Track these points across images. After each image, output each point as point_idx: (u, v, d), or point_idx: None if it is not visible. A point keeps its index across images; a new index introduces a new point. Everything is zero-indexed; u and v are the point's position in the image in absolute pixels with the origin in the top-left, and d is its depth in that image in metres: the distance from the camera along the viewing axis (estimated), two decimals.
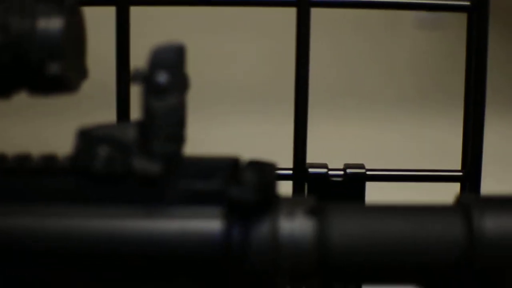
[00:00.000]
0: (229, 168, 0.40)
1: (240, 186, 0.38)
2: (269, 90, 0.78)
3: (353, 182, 0.48)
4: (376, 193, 0.50)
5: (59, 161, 0.40)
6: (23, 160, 0.41)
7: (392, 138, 0.79)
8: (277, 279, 0.38)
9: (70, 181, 0.40)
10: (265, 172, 0.39)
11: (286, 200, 0.40)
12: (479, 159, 0.51)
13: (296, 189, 0.49)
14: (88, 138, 0.39)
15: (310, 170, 0.48)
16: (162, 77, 0.38)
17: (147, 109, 0.39)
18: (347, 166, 0.49)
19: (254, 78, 0.78)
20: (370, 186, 0.49)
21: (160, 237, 0.39)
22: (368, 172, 0.49)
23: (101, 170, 0.39)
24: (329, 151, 0.68)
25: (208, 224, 0.38)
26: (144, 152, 0.39)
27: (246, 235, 0.39)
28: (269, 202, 0.39)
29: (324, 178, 0.48)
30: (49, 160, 0.40)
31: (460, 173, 0.51)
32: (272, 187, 0.39)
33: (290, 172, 0.49)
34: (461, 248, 0.38)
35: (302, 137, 0.48)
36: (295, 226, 0.38)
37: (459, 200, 0.40)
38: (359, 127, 0.79)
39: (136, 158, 0.39)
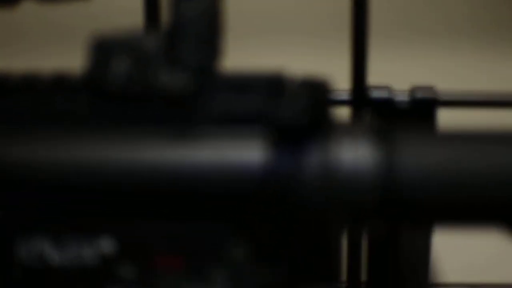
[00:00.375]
0: (273, 84, 0.33)
1: (287, 105, 0.31)
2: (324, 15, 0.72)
3: (422, 108, 0.40)
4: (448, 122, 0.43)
5: (71, 79, 0.34)
6: (31, 79, 0.34)
7: (457, 72, 0.73)
8: (332, 219, 0.32)
9: (83, 101, 0.33)
10: (317, 89, 0.32)
11: (344, 125, 0.33)
12: None
13: (355, 115, 0.42)
14: (103, 49, 0.33)
15: (371, 93, 0.41)
16: None
17: (175, 12, 0.32)
18: (415, 89, 0.42)
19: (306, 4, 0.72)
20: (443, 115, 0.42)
21: (190, 166, 0.32)
22: (440, 96, 0.41)
23: (118, 87, 0.32)
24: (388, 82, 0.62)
25: (246, 150, 0.32)
26: (171, 65, 0.32)
27: (293, 166, 0.32)
28: (322, 125, 0.32)
29: (387, 102, 0.41)
30: (60, 79, 0.34)
31: None
32: (325, 107, 0.32)
33: (347, 95, 0.42)
34: None
35: (362, 53, 0.40)
36: (356, 155, 0.31)
37: None
38: (422, 57, 0.73)
39: (161, 72, 0.32)
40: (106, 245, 0.33)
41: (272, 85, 0.32)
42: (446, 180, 0.31)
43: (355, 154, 0.31)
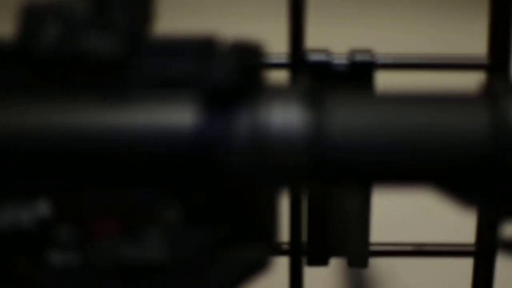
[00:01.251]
0: (204, 48, 0.33)
1: (217, 68, 0.31)
2: None
3: (360, 71, 0.41)
4: (386, 86, 0.43)
5: (1, 46, 0.34)
6: None
7: (402, 38, 0.72)
8: (261, 182, 0.32)
9: (13, 68, 0.33)
10: (248, 52, 0.32)
11: (276, 87, 0.33)
12: (507, 46, 0.44)
13: (293, 79, 0.42)
14: (33, 15, 0.32)
15: (309, 56, 0.41)
16: None
17: None
18: (353, 52, 0.42)
19: None
20: (380, 77, 0.42)
21: (121, 129, 0.32)
22: (378, 59, 0.41)
23: (47, 53, 0.32)
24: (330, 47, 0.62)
25: (178, 115, 0.32)
26: (101, 29, 0.32)
27: (224, 129, 0.32)
28: (252, 88, 0.32)
29: (325, 66, 0.41)
30: None
31: (487, 62, 0.44)
32: (256, 70, 0.32)
33: (285, 59, 0.42)
34: (485, 144, 0.31)
35: (299, 17, 0.40)
36: (286, 118, 0.32)
37: (486, 88, 0.33)
38: (364, 27, 0.72)
39: (91, 36, 0.32)
40: (43, 210, 0.33)
41: (203, 49, 0.32)
42: (374, 141, 0.31)
43: (284, 117, 0.31)
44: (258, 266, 0.34)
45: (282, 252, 0.44)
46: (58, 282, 0.33)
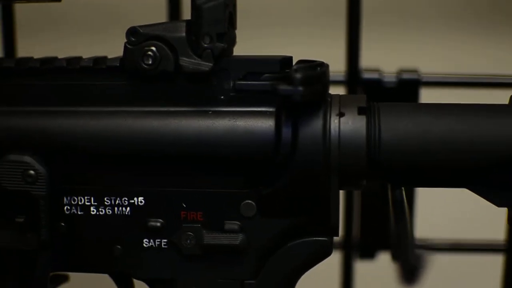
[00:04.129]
0: (280, 66, 0.39)
1: (289, 83, 0.38)
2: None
3: (407, 88, 0.47)
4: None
5: (109, 61, 0.40)
6: (73, 60, 0.41)
7: (448, 55, 0.76)
8: (328, 178, 0.38)
9: (120, 80, 0.40)
10: (315, 69, 0.39)
11: (337, 97, 0.39)
12: None
13: (349, 93, 0.48)
14: (138, 35, 0.39)
15: (363, 74, 0.47)
16: None
17: (195, 5, 0.38)
18: (402, 70, 0.48)
19: None
20: (426, 94, 0.47)
21: (211, 135, 0.38)
22: (423, 78, 0.47)
23: (150, 68, 0.39)
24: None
25: (258, 122, 0.38)
26: (194, 50, 0.39)
27: (296, 134, 0.38)
28: (319, 99, 0.38)
29: (377, 83, 0.47)
30: (99, 60, 0.40)
31: None
32: (322, 84, 0.39)
33: (342, 76, 0.48)
34: None
35: (356, 39, 0.46)
36: (346, 124, 0.38)
37: None
38: (414, 44, 0.77)
39: (185, 56, 0.38)
40: (137, 201, 0.39)
41: (279, 68, 0.39)
42: (423, 146, 0.37)
43: (345, 124, 0.38)
44: (323, 251, 0.39)
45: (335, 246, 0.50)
46: (146, 263, 0.40)
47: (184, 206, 0.39)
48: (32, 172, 0.39)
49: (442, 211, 0.57)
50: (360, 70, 0.47)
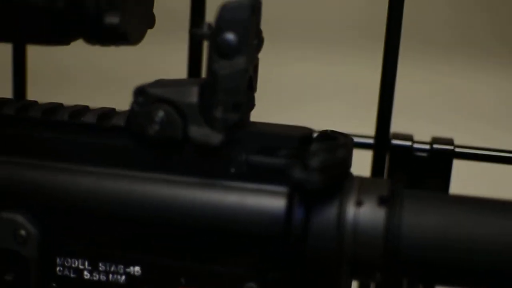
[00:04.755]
0: (298, 142, 0.36)
1: (304, 167, 0.34)
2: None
3: (439, 159, 0.43)
4: (464, 174, 0.45)
5: (115, 119, 0.38)
6: (77, 113, 0.38)
7: (479, 89, 0.73)
8: (339, 268, 0.35)
9: (124, 141, 0.37)
10: (336, 150, 0.35)
11: (358, 182, 0.36)
12: None
13: (376, 159, 0.44)
14: (145, 96, 0.36)
15: (393, 141, 0.44)
16: (228, 37, 0.34)
17: (211, 70, 0.35)
18: (434, 140, 0.44)
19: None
20: (459, 165, 0.44)
21: (217, 209, 0.35)
22: (456, 149, 0.44)
23: (157, 134, 0.36)
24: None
25: (269, 201, 0.35)
26: (206, 118, 0.35)
27: (308, 219, 0.35)
28: (336, 185, 0.35)
29: (407, 151, 0.43)
30: (104, 116, 0.38)
31: None
32: (341, 168, 0.35)
33: (371, 141, 0.45)
34: None
35: (388, 103, 0.43)
36: (363, 214, 0.34)
37: None
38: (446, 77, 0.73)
39: (196, 124, 0.35)
40: (134, 271, 0.37)
41: (297, 144, 0.35)
42: (445, 245, 0.34)
43: (362, 213, 0.34)
44: None
45: None
46: None
47: (183, 282, 0.37)
48: (23, 232, 0.37)
49: None
50: (391, 137, 0.44)
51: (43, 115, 0.38)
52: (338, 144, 0.36)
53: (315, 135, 0.37)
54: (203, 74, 0.50)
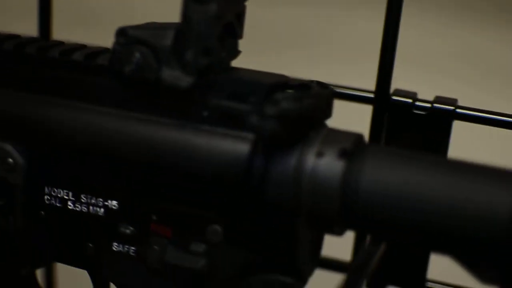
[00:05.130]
0: (268, 90, 0.36)
1: (261, 114, 0.35)
2: None
3: (438, 119, 0.42)
4: (464, 136, 0.43)
5: (100, 58, 0.39)
6: (68, 52, 0.39)
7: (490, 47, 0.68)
8: (296, 218, 0.35)
9: (107, 80, 0.38)
10: (301, 100, 0.35)
11: (324, 133, 0.36)
12: None
13: (376, 115, 0.44)
14: (126, 37, 0.37)
15: (393, 97, 0.43)
16: None
17: (185, 14, 0.35)
18: (437, 99, 0.43)
19: None
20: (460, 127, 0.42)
21: (184, 150, 0.36)
22: (458, 110, 0.42)
23: (132, 73, 0.36)
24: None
25: (233, 145, 0.35)
26: (178, 61, 0.36)
27: (268, 166, 0.35)
28: (299, 135, 0.35)
29: (407, 109, 0.42)
30: (92, 55, 0.39)
31: None
32: (305, 118, 0.35)
33: (372, 95, 0.44)
34: (502, 224, 0.32)
35: (389, 56, 0.42)
36: (323, 165, 0.34)
37: None
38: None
39: (169, 66, 0.36)
40: (111, 205, 0.38)
41: (268, 92, 0.35)
42: (401, 202, 0.33)
43: (321, 165, 0.34)
44: None
45: (343, 269, 0.47)
46: (115, 267, 0.38)
47: (155, 218, 0.38)
48: (10, 160, 0.39)
49: None
50: (392, 93, 0.43)
51: (37, 51, 0.40)
52: (307, 94, 0.36)
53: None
54: None
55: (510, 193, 0.32)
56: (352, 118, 0.46)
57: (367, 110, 0.44)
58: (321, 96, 0.36)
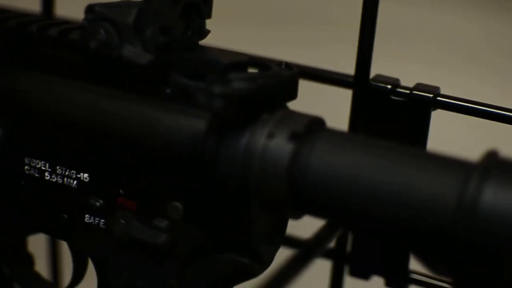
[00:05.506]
0: (224, 69, 0.36)
1: (228, 92, 0.34)
2: None
3: (417, 106, 0.41)
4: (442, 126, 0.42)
5: (73, 34, 0.40)
6: (45, 27, 0.40)
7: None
8: (247, 199, 0.35)
9: (78, 55, 0.39)
10: (255, 80, 0.35)
11: (279, 115, 0.35)
12: None
13: (355, 100, 0.43)
14: (93, 14, 0.37)
15: (372, 82, 0.42)
16: None
17: None
18: (417, 86, 0.42)
19: None
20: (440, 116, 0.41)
21: (145, 125, 0.37)
22: (438, 98, 0.41)
23: (96, 49, 0.37)
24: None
25: (190, 121, 0.35)
26: (139, 38, 0.36)
27: (221, 143, 0.35)
28: (251, 115, 0.35)
29: (385, 94, 0.42)
30: (66, 31, 0.40)
31: None
32: (258, 98, 0.35)
33: (351, 80, 0.43)
34: (446, 215, 0.31)
35: (368, 41, 0.41)
36: (272, 146, 0.34)
37: (482, 159, 0.32)
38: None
39: (130, 43, 0.36)
40: (83, 177, 0.39)
41: (221, 70, 0.36)
42: (347, 187, 0.33)
43: (271, 146, 0.34)
44: (243, 272, 0.37)
45: (326, 255, 0.46)
46: (87, 239, 0.39)
47: (121, 192, 0.39)
48: None
49: None
50: (372, 78, 0.42)
51: (17, 26, 0.41)
52: (264, 75, 0.36)
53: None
54: None
55: (458, 183, 0.31)
56: (338, 102, 0.46)
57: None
58: (281, 77, 0.36)
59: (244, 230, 0.36)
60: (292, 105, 0.37)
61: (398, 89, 0.42)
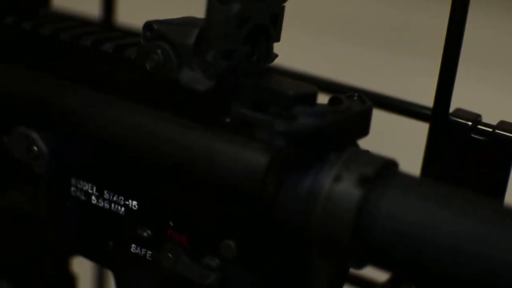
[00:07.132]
0: (291, 101, 0.33)
1: (291, 128, 0.31)
2: None
3: (498, 145, 0.37)
4: None
5: (128, 51, 0.37)
6: (99, 41, 0.38)
7: None
8: (306, 244, 0.32)
9: (134, 74, 0.36)
10: (322, 116, 0.32)
11: (348, 155, 0.32)
12: None
13: (432, 134, 0.39)
14: (151, 32, 0.35)
15: (451, 117, 0.39)
16: None
17: (208, 13, 0.33)
18: (500, 125, 0.38)
19: None
20: None
21: (201, 156, 0.33)
22: None
23: (154, 70, 0.34)
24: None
25: (250, 158, 0.32)
26: (199, 62, 0.34)
27: (282, 183, 0.32)
28: (317, 154, 0.32)
29: (464, 131, 0.38)
30: (120, 47, 0.37)
31: None
32: (324, 136, 0.32)
33: (429, 112, 0.40)
34: None
35: (450, 74, 0.38)
36: (339, 191, 0.31)
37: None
38: None
39: (189, 66, 0.34)
40: (132, 204, 0.37)
41: (288, 102, 0.32)
42: (415, 240, 0.30)
43: (337, 190, 0.31)
44: None
45: None
46: (131, 267, 0.37)
47: (171, 224, 0.36)
48: (35, 148, 0.38)
49: None
50: (451, 113, 0.39)
51: (72, 39, 0.38)
52: (333, 110, 0.32)
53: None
54: None
55: None
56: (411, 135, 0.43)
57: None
58: (353, 112, 0.33)
59: (302, 277, 0.33)
60: None
61: (479, 126, 0.38)
